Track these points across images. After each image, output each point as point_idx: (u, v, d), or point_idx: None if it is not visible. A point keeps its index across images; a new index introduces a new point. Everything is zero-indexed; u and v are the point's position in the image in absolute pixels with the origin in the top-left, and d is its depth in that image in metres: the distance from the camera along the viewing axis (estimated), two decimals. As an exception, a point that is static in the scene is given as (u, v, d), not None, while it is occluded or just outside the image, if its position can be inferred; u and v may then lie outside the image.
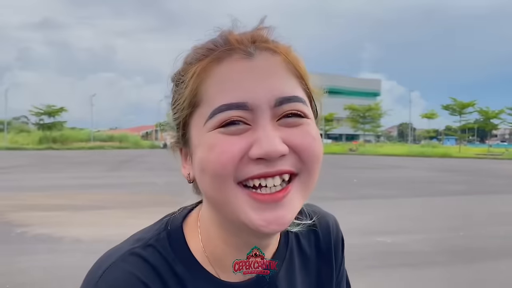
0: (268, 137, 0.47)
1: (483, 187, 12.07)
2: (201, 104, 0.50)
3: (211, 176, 0.49)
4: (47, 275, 3.84)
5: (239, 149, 0.48)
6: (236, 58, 0.50)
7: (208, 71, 0.50)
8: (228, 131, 0.48)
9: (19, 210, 7.09)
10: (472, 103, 40.07)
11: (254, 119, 0.48)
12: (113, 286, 0.50)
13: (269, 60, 0.51)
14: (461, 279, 3.99)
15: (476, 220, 7.00)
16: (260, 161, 0.47)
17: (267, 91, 0.49)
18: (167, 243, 0.55)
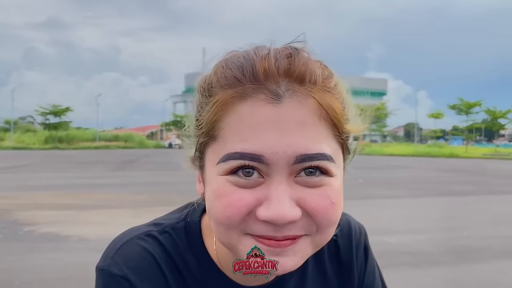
0: (279, 200, 0.44)
1: (489, 188, 12.00)
2: (217, 139, 0.47)
3: (216, 224, 0.47)
4: (55, 273, 3.89)
5: (246, 205, 0.45)
6: (262, 98, 0.45)
7: (230, 106, 0.46)
8: (238, 183, 0.45)
9: (25, 209, 7.17)
10: (478, 102, 39.81)
11: (269, 173, 0.45)
12: (128, 259, 0.52)
13: (298, 108, 0.45)
14: (465, 279, 3.99)
15: (481, 220, 6.97)
16: (267, 222, 0.45)
17: (288, 147, 0.44)
18: (183, 234, 0.56)
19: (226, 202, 0.45)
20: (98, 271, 0.54)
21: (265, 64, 0.45)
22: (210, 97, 0.48)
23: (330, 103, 0.46)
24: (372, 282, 0.66)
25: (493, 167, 21.75)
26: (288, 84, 0.45)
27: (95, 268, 0.55)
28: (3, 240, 5.16)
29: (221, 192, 0.45)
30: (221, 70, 0.49)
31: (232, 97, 0.46)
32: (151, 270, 0.53)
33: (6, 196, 8.73)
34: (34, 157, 25.83)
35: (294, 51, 0.47)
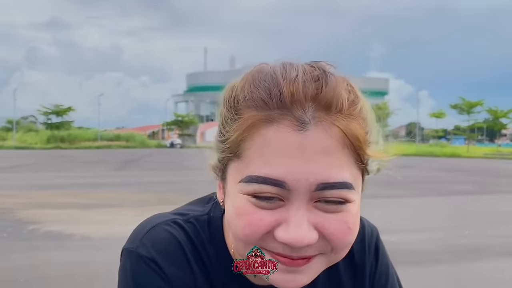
0: (298, 224, 0.46)
1: (490, 187, 12.02)
2: (241, 158, 0.48)
3: (235, 239, 0.50)
4: (59, 271, 3.94)
5: (266, 225, 0.47)
6: (288, 124, 0.45)
7: (256, 128, 0.46)
8: (259, 205, 0.46)
9: (29, 208, 7.22)
10: (480, 102, 39.79)
11: (289, 197, 0.46)
12: (156, 243, 0.55)
13: (323, 136, 0.45)
14: (465, 277, 4.03)
15: (482, 220, 7.00)
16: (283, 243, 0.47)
17: (311, 174, 0.45)
18: (206, 227, 0.58)
19: (246, 221, 0.47)
20: (125, 253, 0.56)
21: (293, 89, 0.46)
22: (236, 115, 0.49)
23: (354, 131, 0.47)
24: (385, 283, 0.66)
25: (495, 167, 21.75)
26: (314, 111, 0.46)
27: (121, 250, 0.58)
28: (7, 238, 5.21)
29: (242, 210, 0.47)
30: (248, 88, 0.49)
31: (259, 120, 0.46)
32: (177, 254, 0.55)
33: (9, 195, 8.78)
34: (37, 156, 25.93)
35: (322, 74, 0.48)
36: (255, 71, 0.51)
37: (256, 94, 0.47)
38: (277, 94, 0.46)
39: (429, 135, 65.74)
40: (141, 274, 0.54)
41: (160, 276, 0.54)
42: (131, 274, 0.55)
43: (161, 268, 0.54)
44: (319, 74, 0.48)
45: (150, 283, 0.54)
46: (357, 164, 0.48)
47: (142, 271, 0.54)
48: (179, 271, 0.55)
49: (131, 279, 0.55)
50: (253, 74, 0.51)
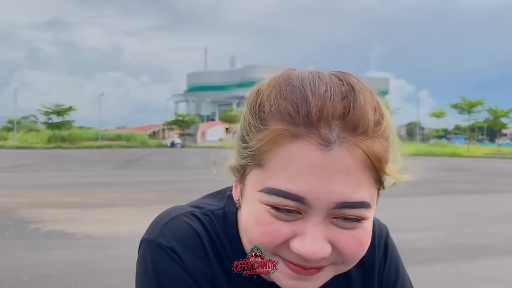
0: (314, 239, 0.47)
1: (491, 187, 12.04)
2: (262, 168, 0.49)
3: (250, 242, 0.52)
4: (62, 269, 3.96)
5: (282, 236, 0.48)
6: (312, 142, 0.46)
7: (280, 141, 0.47)
8: (278, 216, 0.48)
9: (31, 207, 7.24)
10: (480, 102, 39.81)
11: (308, 212, 0.47)
12: (175, 233, 0.57)
13: (346, 156, 0.46)
14: (465, 275, 4.05)
15: (482, 219, 7.02)
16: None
17: (331, 194, 0.46)
18: (221, 221, 0.60)
19: (264, 230, 0.48)
20: (145, 243, 0.58)
21: (321, 106, 0.46)
22: (261, 124, 0.49)
23: (376, 152, 0.47)
24: (395, 281, 0.67)
25: (495, 166, 21.77)
26: (340, 131, 0.46)
27: (140, 240, 0.60)
28: (10, 237, 5.23)
29: (260, 219, 0.49)
30: (274, 98, 0.49)
31: (284, 134, 0.46)
32: (195, 245, 0.57)
33: (11, 195, 8.81)
34: (38, 156, 25.96)
35: (350, 90, 0.48)
36: (282, 80, 0.51)
37: (283, 106, 0.47)
38: (304, 110, 0.46)
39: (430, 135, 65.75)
40: (161, 262, 0.56)
41: (179, 265, 0.56)
42: (151, 263, 0.57)
43: (180, 257, 0.56)
44: (347, 91, 0.48)
45: (169, 271, 0.56)
46: (376, 183, 0.50)
47: (162, 260, 0.56)
48: (198, 260, 0.57)
49: (151, 267, 0.57)
50: (280, 83, 0.50)
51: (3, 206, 7.30)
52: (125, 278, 3.75)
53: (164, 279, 0.56)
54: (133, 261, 2.76)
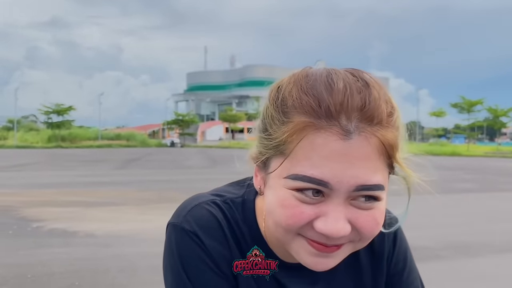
0: (336, 219, 0.52)
1: (490, 185, 12.09)
2: (287, 156, 0.53)
3: (276, 225, 0.56)
4: (65, 267, 4.00)
5: (307, 217, 0.53)
6: (334, 132, 0.51)
7: (304, 132, 0.52)
8: (302, 199, 0.53)
9: (32, 206, 7.28)
10: (480, 101, 39.83)
11: (330, 195, 0.52)
12: (198, 219, 0.63)
13: (364, 144, 0.51)
14: (463, 272, 4.09)
15: (481, 217, 7.08)
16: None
17: (352, 177, 0.51)
18: (240, 208, 0.66)
19: (289, 212, 0.53)
20: (170, 227, 0.64)
21: (340, 100, 0.51)
22: (285, 117, 0.54)
23: (389, 140, 0.53)
24: (402, 269, 0.71)
25: (495, 165, 21.80)
26: (358, 122, 0.51)
27: (166, 224, 0.66)
28: (13, 235, 5.27)
29: (286, 203, 0.53)
30: (296, 93, 0.54)
31: (308, 126, 0.51)
32: (216, 230, 0.63)
33: (12, 194, 8.86)
34: (38, 155, 25.99)
35: (365, 85, 0.53)
36: (302, 76, 0.56)
37: (305, 101, 0.52)
38: (325, 104, 0.51)
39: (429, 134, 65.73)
40: (184, 245, 0.62)
41: (200, 248, 0.62)
42: (176, 246, 0.63)
43: (201, 240, 0.62)
44: (362, 86, 0.53)
45: (192, 253, 0.62)
46: (388, 168, 0.55)
47: (185, 242, 0.62)
48: (217, 244, 0.63)
49: (175, 249, 0.63)
50: (300, 79, 0.55)
51: (4, 205, 7.34)
52: (127, 275, 3.80)
53: (187, 260, 0.62)
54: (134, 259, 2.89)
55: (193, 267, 0.62)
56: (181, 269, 0.62)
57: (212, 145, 50.77)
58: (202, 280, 0.62)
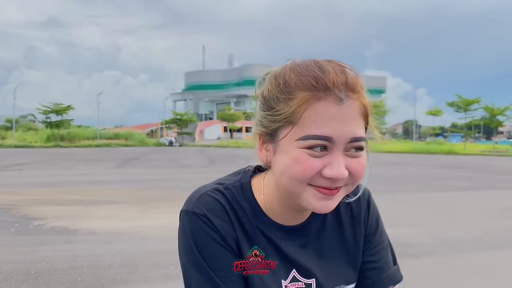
0: (338, 165, 0.68)
1: (486, 183, 12.19)
2: (296, 125, 0.68)
3: (291, 179, 0.70)
4: (68, 263, 4.07)
5: (317, 168, 0.68)
6: (331, 100, 0.67)
7: (308, 103, 0.67)
8: (312, 154, 0.68)
9: (33, 205, 7.33)
10: (477, 100, 39.95)
11: (332, 148, 0.68)
12: (206, 204, 0.76)
13: (352, 108, 0.68)
14: (458, 268, 4.17)
15: (476, 214, 7.16)
16: (328, 178, 0.69)
17: (347, 132, 0.67)
18: (239, 189, 0.80)
19: (304, 166, 0.68)
20: (184, 213, 0.77)
21: (331, 77, 0.68)
22: (290, 95, 0.69)
23: (366, 104, 0.71)
24: (375, 229, 0.87)
25: (491, 163, 21.92)
26: (346, 92, 0.68)
27: (179, 212, 0.78)
28: (15, 233, 5.33)
29: (300, 159, 0.68)
30: (295, 76, 0.69)
31: (311, 96, 0.67)
32: (221, 212, 0.76)
33: (13, 192, 8.90)
34: (37, 155, 25.98)
35: (342, 67, 0.70)
36: (294, 65, 0.71)
37: (305, 80, 0.68)
38: (322, 81, 0.68)
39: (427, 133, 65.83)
40: (196, 226, 0.75)
41: (210, 227, 0.75)
42: (189, 228, 0.75)
43: (211, 221, 0.75)
44: (340, 67, 0.70)
45: (202, 232, 0.75)
46: (365, 126, 0.72)
47: (197, 224, 0.75)
48: (223, 223, 0.76)
49: (189, 231, 0.75)
50: (294, 67, 0.71)
51: (5, 204, 7.40)
52: (129, 271, 3.86)
53: (198, 238, 0.75)
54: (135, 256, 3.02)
55: (204, 244, 0.74)
56: (194, 246, 0.74)
57: (210, 144, 50.76)
58: (212, 253, 0.74)
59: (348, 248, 0.85)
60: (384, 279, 0.86)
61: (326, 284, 0.81)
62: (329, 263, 0.82)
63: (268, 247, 0.78)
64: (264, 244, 0.79)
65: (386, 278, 0.86)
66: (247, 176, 0.82)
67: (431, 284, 3.72)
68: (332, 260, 0.83)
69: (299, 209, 0.78)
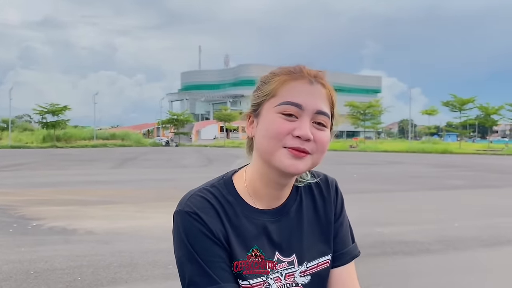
0: (306, 127, 0.83)
1: (480, 182, 12.30)
2: (275, 96, 0.86)
3: (269, 139, 0.85)
4: (67, 263, 4.10)
5: (289, 128, 0.83)
6: (304, 81, 0.86)
7: (286, 82, 0.86)
8: (286, 118, 0.84)
9: (30, 205, 7.35)
10: (472, 99, 40.18)
11: (302, 115, 0.84)
12: (195, 203, 0.87)
13: (319, 89, 0.87)
14: (453, 265, 4.23)
15: (471, 213, 7.25)
16: (297, 138, 0.83)
17: (314, 104, 0.85)
18: (223, 185, 0.92)
19: (279, 125, 0.84)
20: (176, 213, 0.87)
21: (305, 69, 0.88)
22: (271, 79, 0.88)
23: (332, 94, 0.89)
24: (340, 211, 1.02)
25: (485, 162, 22.08)
26: (315, 79, 0.87)
27: (173, 214, 0.88)
28: (14, 233, 5.35)
29: (276, 121, 0.84)
30: (277, 70, 0.90)
31: (288, 77, 0.86)
32: (209, 208, 0.87)
33: (10, 193, 8.91)
34: (34, 155, 25.90)
35: (317, 71, 0.90)
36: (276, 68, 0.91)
37: (285, 70, 0.88)
38: (298, 69, 0.88)
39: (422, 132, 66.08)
40: (188, 223, 0.85)
41: (200, 223, 0.85)
42: (182, 225, 0.85)
43: (200, 217, 0.85)
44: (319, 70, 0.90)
45: (193, 228, 0.85)
46: (330, 113, 0.88)
47: (188, 221, 0.85)
48: (212, 219, 0.86)
49: (181, 228, 0.85)
50: (279, 67, 0.91)
51: (3, 204, 7.40)
52: (128, 270, 3.90)
53: (190, 234, 0.84)
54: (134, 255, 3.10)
55: (195, 238, 0.84)
56: (186, 241, 0.84)
57: (207, 144, 50.73)
58: (203, 246, 0.84)
59: (322, 225, 0.97)
60: (346, 252, 1.00)
61: (305, 259, 0.93)
62: (307, 239, 0.94)
63: (254, 231, 0.88)
64: (250, 229, 0.88)
65: (348, 252, 1.00)
66: (228, 174, 0.95)
67: (426, 282, 3.78)
68: (309, 236, 0.94)
69: (278, 186, 0.89)
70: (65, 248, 4.66)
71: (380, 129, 61.74)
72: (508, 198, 9.06)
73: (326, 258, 0.96)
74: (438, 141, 48.07)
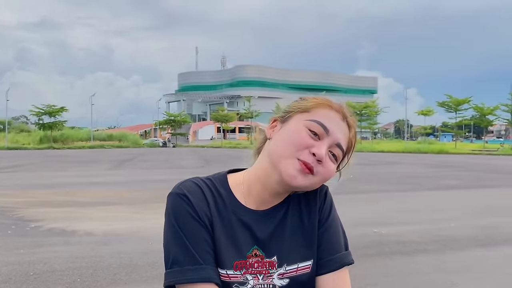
0: (324, 149, 0.89)
1: (475, 182, 12.37)
2: (309, 113, 0.93)
3: (288, 144, 0.90)
4: (66, 264, 4.11)
5: (309, 143, 0.89)
6: (338, 115, 0.94)
7: (324, 106, 0.93)
8: (310, 134, 0.90)
9: (28, 207, 7.35)
10: (467, 99, 40.37)
11: (324, 138, 0.90)
12: (186, 187, 0.92)
13: (347, 129, 0.94)
14: (449, 265, 4.26)
15: (466, 212, 7.29)
16: (312, 156, 0.88)
17: (337, 135, 0.91)
18: (217, 180, 0.97)
19: (301, 136, 0.89)
20: (169, 195, 0.92)
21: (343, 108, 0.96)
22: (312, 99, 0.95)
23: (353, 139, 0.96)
24: (328, 215, 1.01)
25: (480, 162, 22.19)
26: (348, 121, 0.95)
27: (166, 196, 0.93)
28: (13, 235, 5.35)
29: (301, 132, 0.90)
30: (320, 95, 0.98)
31: (327, 104, 0.94)
32: (198, 193, 0.92)
33: (8, 195, 8.89)
34: (31, 156, 25.81)
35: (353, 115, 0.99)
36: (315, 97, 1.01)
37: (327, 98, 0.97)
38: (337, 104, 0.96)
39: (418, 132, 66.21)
40: (177, 203, 0.90)
41: (187, 204, 0.90)
42: (171, 205, 0.90)
43: (189, 199, 0.90)
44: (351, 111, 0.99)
45: (181, 208, 0.89)
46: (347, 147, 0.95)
47: (177, 202, 0.90)
48: (199, 201, 0.91)
49: (170, 208, 0.90)
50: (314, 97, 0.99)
51: (1, 206, 7.38)
52: (127, 271, 3.92)
53: (178, 214, 0.89)
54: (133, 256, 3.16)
55: (181, 217, 0.89)
56: (174, 221, 0.89)
57: (204, 145, 50.68)
58: (189, 227, 0.88)
59: (305, 230, 0.98)
60: (334, 259, 0.97)
61: (286, 261, 0.94)
62: (289, 243, 0.95)
63: (238, 226, 0.92)
64: (235, 223, 0.92)
65: (336, 259, 0.97)
66: (222, 173, 1.00)
67: (423, 282, 3.81)
68: (291, 240, 0.96)
69: (273, 192, 0.93)
70: (64, 250, 4.66)
71: (376, 130, 61.91)
72: (504, 198, 9.13)
73: (306, 263, 0.95)
74: (434, 141, 48.25)
